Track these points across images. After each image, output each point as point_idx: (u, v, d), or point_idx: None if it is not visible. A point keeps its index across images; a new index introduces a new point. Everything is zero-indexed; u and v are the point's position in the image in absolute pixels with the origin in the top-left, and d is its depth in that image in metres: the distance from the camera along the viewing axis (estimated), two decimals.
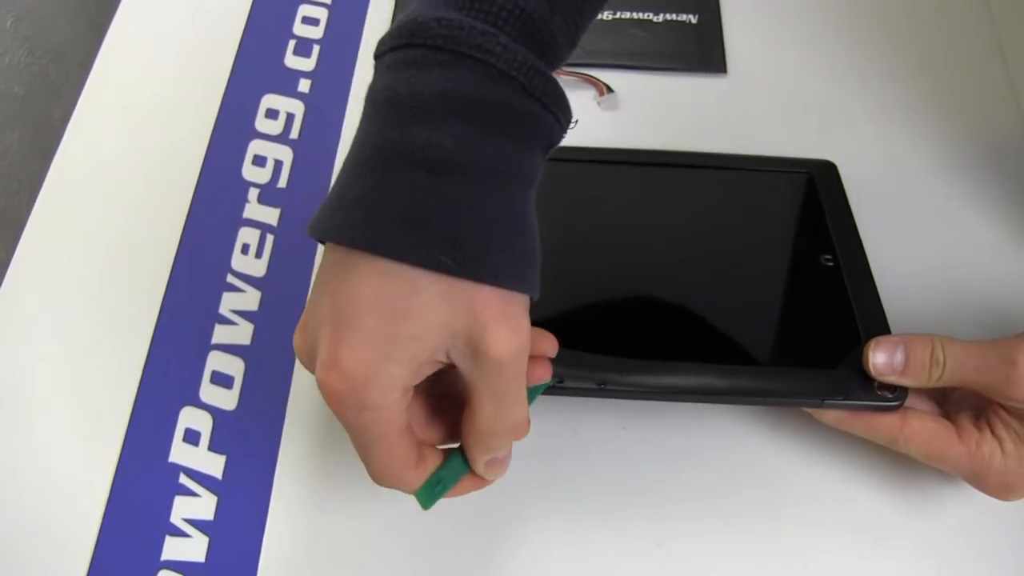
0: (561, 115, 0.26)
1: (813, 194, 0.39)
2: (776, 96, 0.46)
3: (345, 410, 0.24)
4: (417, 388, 0.25)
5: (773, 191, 0.40)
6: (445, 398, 0.28)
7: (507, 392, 0.25)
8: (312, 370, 0.25)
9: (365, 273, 0.23)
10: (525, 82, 0.24)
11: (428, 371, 0.25)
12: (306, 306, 0.26)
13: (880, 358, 0.31)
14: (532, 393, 0.29)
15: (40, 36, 0.65)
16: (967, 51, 0.48)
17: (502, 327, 0.24)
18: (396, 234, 0.23)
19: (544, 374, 0.28)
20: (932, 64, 0.47)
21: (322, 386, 0.24)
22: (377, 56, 0.26)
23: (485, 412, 0.25)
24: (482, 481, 0.28)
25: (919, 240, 0.41)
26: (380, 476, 0.26)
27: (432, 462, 0.27)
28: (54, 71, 0.67)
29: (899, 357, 0.31)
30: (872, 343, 0.31)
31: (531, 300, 0.25)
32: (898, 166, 0.43)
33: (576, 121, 0.27)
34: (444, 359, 0.25)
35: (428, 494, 0.27)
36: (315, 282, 0.25)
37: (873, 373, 0.31)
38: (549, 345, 0.29)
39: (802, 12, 0.50)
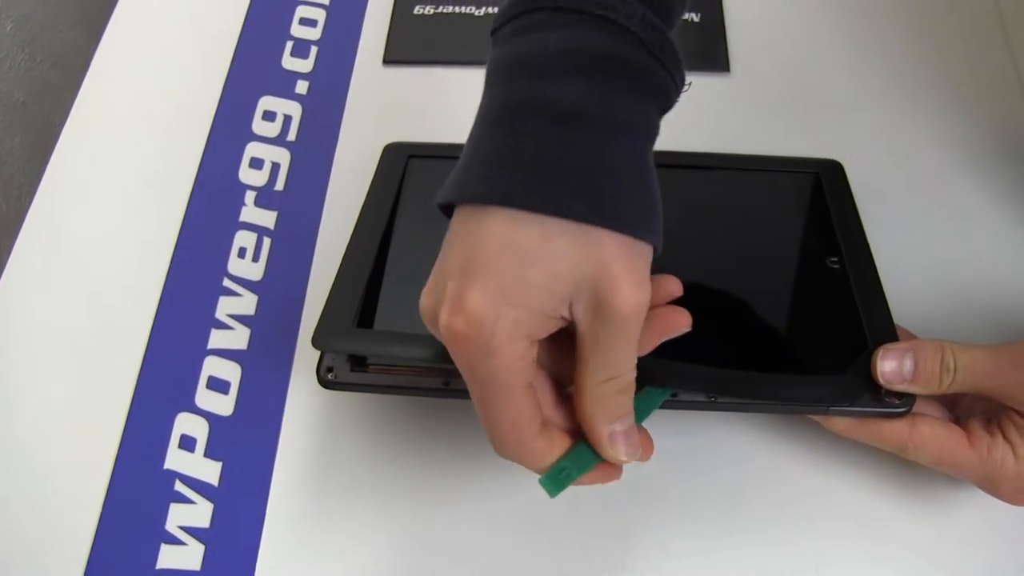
0: (677, 76, 0.26)
1: (819, 195, 0.38)
2: (780, 95, 0.46)
3: (470, 357, 0.24)
4: (541, 363, 0.25)
5: (778, 192, 0.39)
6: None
7: (621, 346, 0.25)
8: (435, 329, 0.25)
9: (496, 223, 0.23)
10: (645, 38, 0.25)
11: (552, 327, 0.25)
12: (433, 269, 0.25)
13: (889, 366, 0.30)
14: (651, 401, 0.29)
15: (41, 41, 0.65)
16: (975, 47, 0.47)
17: (628, 282, 0.24)
18: (528, 184, 0.23)
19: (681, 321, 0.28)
20: (940, 61, 0.46)
21: (447, 331, 0.24)
22: (495, 30, 0.27)
23: (596, 363, 0.25)
24: (612, 469, 0.27)
25: (928, 241, 0.40)
26: (505, 439, 0.26)
27: (559, 442, 0.26)
28: (55, 76, 0.67)
29: (908, 365, 0.30)
30: (880, 351, 0.30)
31: (654, 251, 0.25)
32: (906, 166, 0.43)
33: (690, 84, 0.27)
34: (567, 315, 0.24)
35: (553, 481, 0.27)
36: (444, 246, 0.25)
37: (882, 381, 0.30)
38: (675, 286, 0.29)
39: (806, 9, 0.49)
